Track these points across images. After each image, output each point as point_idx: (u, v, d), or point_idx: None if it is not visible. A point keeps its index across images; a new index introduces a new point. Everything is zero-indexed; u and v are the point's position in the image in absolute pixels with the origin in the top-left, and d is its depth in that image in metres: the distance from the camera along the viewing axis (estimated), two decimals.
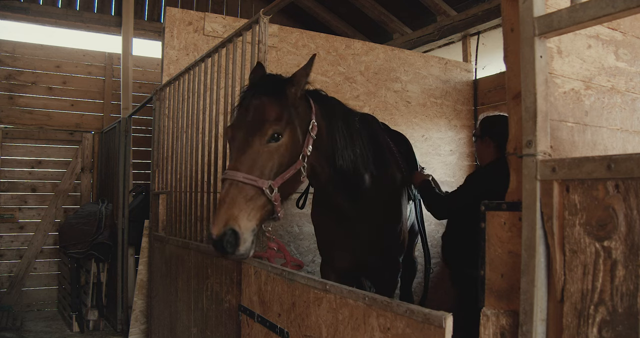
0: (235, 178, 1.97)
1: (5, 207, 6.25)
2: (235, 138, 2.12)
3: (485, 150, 3.09)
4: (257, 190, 1.99)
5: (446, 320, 1.20)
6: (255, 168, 2.03)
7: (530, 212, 1.16)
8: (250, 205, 1.97)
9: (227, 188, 1.96)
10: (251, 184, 1.98)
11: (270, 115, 2.10)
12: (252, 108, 2.13)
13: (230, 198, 1.93)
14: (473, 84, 5.79)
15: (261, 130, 2.07)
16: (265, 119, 2.09)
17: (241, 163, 2.01)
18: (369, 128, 2.91)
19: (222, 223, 1.88)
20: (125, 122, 5.48)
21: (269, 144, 2.08)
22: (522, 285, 1.16)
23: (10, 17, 6.36)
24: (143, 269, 4.21)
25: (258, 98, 2.15)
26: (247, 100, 2.19)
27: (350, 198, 2.66)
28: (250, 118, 2.10)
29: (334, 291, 1.63)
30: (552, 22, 1.15)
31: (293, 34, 4.60)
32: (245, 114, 2.14)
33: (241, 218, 1.92)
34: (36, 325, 5.55)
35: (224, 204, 1.92)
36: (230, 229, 1.88)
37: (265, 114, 2.10)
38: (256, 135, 2.06)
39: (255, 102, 2.14)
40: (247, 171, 2.00)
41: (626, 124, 1.55)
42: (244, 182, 1.97)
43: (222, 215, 1.89)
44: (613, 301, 1.00)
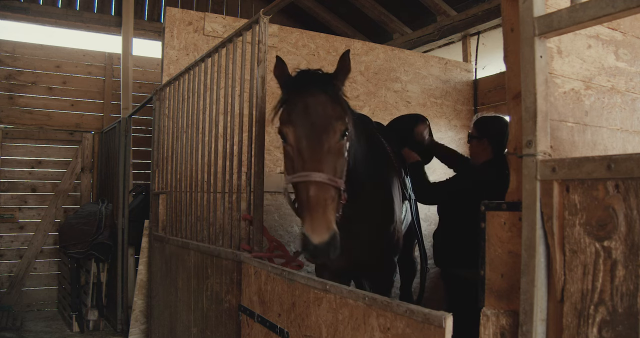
0: (320, 181, 1.94)
1: (5, 207, 6.25)
2: (302, 137, 2.04)
3: (482, 150, 3.12)
4: (337, 190, 2.01)
5: (446, 320, 1.20)
6: (332, 168, 2.01)
7: (530, 212, 1.16)
8: (334, 205, 1.99)
9: (316, 191, 1.92)
10: (333, 185, 1.98)
11: (335, 112, 2.08)
12: (313, 106, 2.07)
13: (323, 201, 1.91)
14: (473, 84, 5.79)
15: (333, 127, 2.04)
16: (332, 116, 2.06)
17: (321, 164, 1.98)
18: (365, 130, 2.92)
19: (324, 228, 1.85)
20: (125, 122, 5.48)
21: (340, 142, 2.07)
22: (522, 285, 1.16)
23: (10, 17, 6.36)
24: (143, 269, 4.21)
25: (315, 95, 2.11)
26: (300, 97, 2.12)
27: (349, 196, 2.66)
28: (315, 116, 2.05)
29: (334, 291, 1.63)
30: (552, 22, 1.15)
31: (293, 34, 4.60)
32: (305, 112, 2.07)
33: (334, 221, 1.92)
34: (36, 325, 5.55)
35: (318, 208, 1.89)
36: (333, 233, 1.87)
37: (330, 111, 2.07)
38: (330, 134, 2.03)
39: (313, 100, 2.09)
40: (328, 171, 1.98)
41: (626, 124, 1.55)
42: (329, 183, 1.96)
43: (322, 221, 1.87)
44: (613, 301, 1.00)
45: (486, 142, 3.09)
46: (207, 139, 3.11)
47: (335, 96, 2.17)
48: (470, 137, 3.21)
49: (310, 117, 2.06)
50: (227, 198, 2.87)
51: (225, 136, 2.89)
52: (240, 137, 2.78)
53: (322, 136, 2.02)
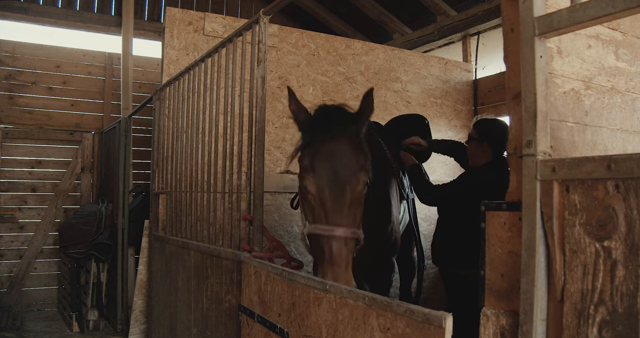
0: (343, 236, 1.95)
1: (5, 207, 6.25)
2: (324, 188, 2.01)
3: (481, 153, 3.14)
4: (356, 240, 2.02)
5: (446, 320, 1.20)
6: (354, 219, 2.01)
7: (530, 212, 1.16)
8: (351, 255, 2.00)
9: (338, 247, 1.93)
10: (354, 237, 1.99)
11: (359, 161, 2.05)
12: (337, 154, 2.03)
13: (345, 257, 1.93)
14: (473, 84, 5.79)
15: (357, 179, 2.02)
16: (357, 167, 2.03)
17: (343, 216, 1.97)
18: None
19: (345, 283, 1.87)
20: (125, 122, 5.48)
21: (362, 192, 2.06)
22: (522, 285, 1.16)
23: (10, 17, 6.36)
24: (143, 269, 4.21)
25: (338, 141, 2.06)
26: (323, 143, 2.07)
27: None
28: (339, 166, 2.02)
29: (334, 291, 1.63)
30: (552, 22, 1.15)
31: (293, 34, 4.60)
32: (329, 160, 2.03)
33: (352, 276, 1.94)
34: (36, 325, 5.55)
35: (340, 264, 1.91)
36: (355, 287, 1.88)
37: (353, 161, 2.04)
38: (353, 186, 2.01)
39: (337, 147, 2.05)
40: (349, 224, 1.98)
41: (626, 124, 1.55)
42: (350, 237, 1.97)
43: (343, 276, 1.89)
44: (613, 301, 1.00)
45: (486, 144, 3.11)
46: (207, 139, 3.11)
47: (359, 142, 2.11)
48: (470, 139, 3.21)
49: (334, 166, 2.02)
50: (227, 198, 2.87)
51: (225, 136, 2.89)
52: (240, 137, 2.78)
53: (346, 188, 2.00)
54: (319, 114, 2.24)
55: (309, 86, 4.64)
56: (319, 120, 2.21)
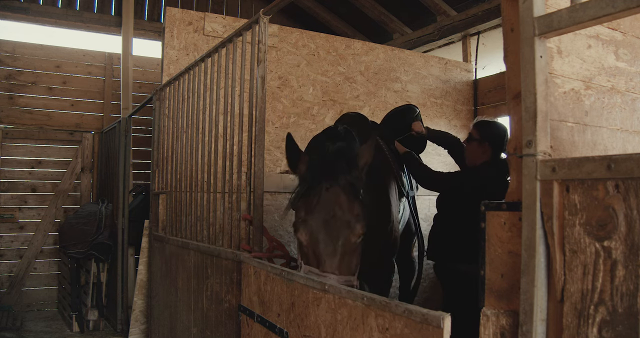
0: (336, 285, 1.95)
1: (5, 207, 6.25)
2: (319, 240, 2.01)
3: (481, 153, 3.18)
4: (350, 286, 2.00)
5: (444, 321, 1.19)
6: (347, 267, 2.00)
7: (530, 212, 1.16)
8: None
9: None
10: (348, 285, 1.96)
11: (354, 213, 2.03)
12: (331, 205, 2.02)
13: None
14: (473, 84, 5.79)
15: (352, 230, 2.01)
16: (351, 218, 2.02)
17: (336, 266, 1.97)
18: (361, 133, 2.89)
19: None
20: (125, 122, 5.48)
21: (358, 241, 2.04)
22: (522, 285, 1.16)
23: (10, 17, 6.35)
24: (143, 269, 4.21)
25: (332, 192, 2.05)
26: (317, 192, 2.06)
27: None
28: (333, 218, 2.01)
29: (333, 291, 1.63)
30: (552, 22, 1.15)
31: (293, 34, 4.60)
32: (322, 211, 2.02)
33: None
34: (36, 325, 5.55)
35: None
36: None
37: (347, 212, 2.02)
38: (347, 237, 2.00)
39: (331, 198, 2.03)
40: (343, 272, 1.98)
41: (626, 124, 1.55)
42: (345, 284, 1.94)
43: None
44: (613, 301, 1.00)
45: (487, 145, 3.16)
46: (207, 139, 3.11)
47: (356, 190, 2.09)
48: (471, 139, 3.23)
49: (324, 215, 2.01)
50: (227, 198, 2.87)
51: (225, 136, 2.89)
52: (240, 137, 2.78)
53: (339, 240, 1.99)
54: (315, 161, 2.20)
55: (309, 86, 4.64)
56: (314, 168, 2.17)
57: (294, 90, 4.55)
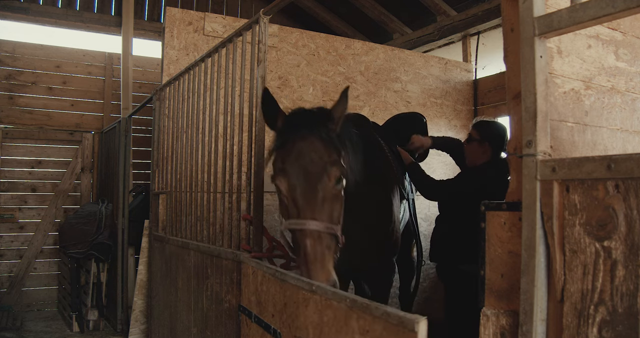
0: (316, 229, 1.92)
1: (5, 207, 6.25)
2: (296, 186, 1.99)
3: (482, 153, 3.18)
4: (333, 237, 1.98)
5: (419, 324, 1.17)
6: (329, 214, 1.98)
7: (530, 212, 1.16)
8: (331, 253, 1.96)
9: (312, 241, 1.90)
10: (330, 233, 1.95)
11: (330, 157, 2.03)
12: (307, 151, 2.02)
13: (320, 252, 1.89)
14: (473, 84, 5.79)
15: (328, 174, 2.00)
16: (327, 161, 2.01)
17: (316, 212, 1.95)
18: (361, 133, 2.88)
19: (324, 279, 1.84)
20: (125, 122, 5.48)
21: (336, 187, 2.03)
22: (522, 285, 1.16)
23: (10, 17, 6.35)
24: (143, 269, 4.21)
25: (307, 139, 2.05)
26: (293, 142, 2.06)
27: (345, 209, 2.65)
28: (310, 163, 2.00)
29: (320, 292, 1.61)
30: (552, 22, 1.15)
31: (293, 34, 4.60)
32: (299, 158, 2.02)
33: (332, 269, 1.90)
34: (36, 325, 5.55)
35: (316, 260, 1.87)
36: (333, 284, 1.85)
37: (324, 156, 2.02)
38: (324, 181, 1.99)
39: (306, 144, 2.04)
40: (325, 219, 1.95)
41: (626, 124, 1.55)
42: (325, 232, 1.93)
43: (321, 272, 1.86)
44: (613, 301, 1.00)
45: (487, 145, 3.16)
46: (207, 139, 3.11)
47: (330, 139, 2.10)
48: (471, 139, 3.23)
49: (300, 163, 2.01)
50: (227, 198, 2.87)
51: (225, 136, 2.89)
52: (240, 137, 2.78)
53: (316, 183, 1.98)
54: (291, 116, 2.22)
55: (309, 86, 4.64)
56: (290, 122, 2.18)
57: (294, 90, 4.55)
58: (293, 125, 2.14)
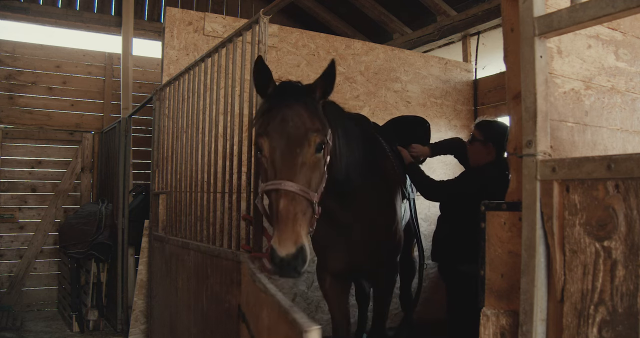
0: (292, 190, 1.89)
1: (5, 207, 6.25)
2: (276, 148, 2.00)
3: (485, 154, 3.16)
4: (309, 203, 1.94)
5: (309, 333, 1.17)
6: (306, 180, 1.96)
7: (530, 212, 1.16)
8: (305, 219, 1.92)
9: (285, 202, 1.87)
10: (305, 197, 1.92)
11: (313, 124, 2.04)
12: (291, 117, 2.03)
13: (293, 213, 1.85)
14: (473, 84, 5.79)
15: (308, 140, 2.00)
16: (309, 128, 2.02)
17: (293, 174, 1.93)
18: (362, 131, 2.89)
19: (292, 241, 1.80)
20: (125, 122, 5.48)
21: (316, 155, 2.02)
22: (522, 285, 1.16)
23: (10, 17, 6.35)
24: (143, 269, 4.21)
25: (292, 107, 2.06)
26: (278, 108, 2.08)
27: (341, 202, 2.65)
28: (292, 128, 2.01)
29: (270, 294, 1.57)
30: (552, 22, 1.15)
31: (293, 34, 4.60)
32: (283, 122, 2.03)
33: (304, 235, 1.86)
34: (36, 325, 5.55)
35: (288, 220, 1.83)
36: (300, 246, 1.80)
37: (307, 123, 2.03)
38: (304, 145, 1.99)
39: (291, 111, 2.05)
40: (301, 182, 1.93)
41: (626, 124, 1.55)
42: (300, 194, 1.90)
43: (290, 233, 1.81)
44: (613, 301, 1.00)
45: (490, 145, 3.15)
46: (207, 139, 3.11)
47: (314, 107, 2.12)
48: (474, 140, 3.22)
49: (283, 128, 2.01)
50: (227, 198, 2.87)
51: (225, 136, 2.89)
52: (240, 137, 2.78)
53: (295, 148, 1.98)
54: (279, 86, 2.24)
55: None
56: (277, 89, 2.20)
57: None
58: (281, 93, 2.16)
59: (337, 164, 2.44)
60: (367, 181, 2.74)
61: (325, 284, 3.05)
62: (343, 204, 2.65)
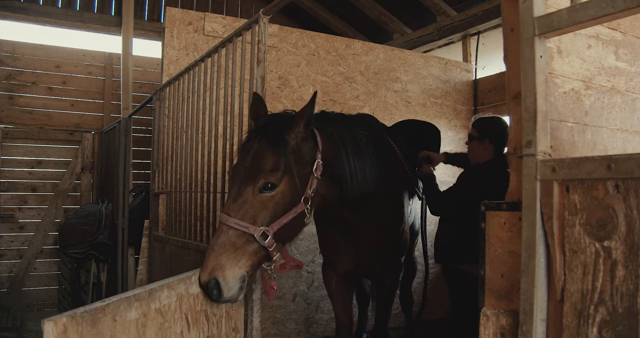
0: (226, 223, 1.96)
1: (5, 207, 6.25)
2: (232, 182, 2.12)
3: (483, 151, 3.13)
4: (248, 236, 1.98)
5: (44, 325, 1.24)
6: (247, 215, 2.01)
7: (530, 212, 1.16)
8: (241, 252, 1.97)
9: (218, 234, 1.96)
10: (242, 230, 1.97)
11: (266, 164, 2.06)
12: (251, 153, 2.10)
13: (220, 245, 1.94)
14: (473, 84, 5.79)
15: (254, 180, 2.04)
16: (260, 168, 2.06)
17: (233, 209, 2.00)
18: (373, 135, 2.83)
19: (208, 271, 1.90)
20: (125, 122, 5.48)
21: (262, 194, 2.05)
22: (522, 285, 1.16)
23: (10, 17, 6.35)
24: (143, 269, 4.21)
25: (257, 142, 2.11)
26: (249, 143, 2.15)
27: (354, 210, 2.64)
28: (248, 164, 2.08)
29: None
30: (552, 22, 1.15)
31: (293, 34, 4.60)
32: (244, 158, 2.11)
33: (228, 267, 1.92)
34: (36, 325, 5.54)
35: (212, 251, 1.93)
36: (213, 279, 1.89)
37: (260, 162, 2.07)
38: (249, 184, 2.04)
39: (254, 147, 2.11)
40: (240, 217, 1.98)
41: (626, 124, 1.55)
42: (234, 227, 1.96)
43: (209, 263, 1.91)
44: (613, 301, 1.00)
45: (487, 142, 3.11)
46: (207, 139, 3.11)
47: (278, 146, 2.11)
48: (471, 138, 3.20)
49: (242, 164, 2.10)
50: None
51: (225, 136, 2.89)
52: (240, 137, 2.77)
53: (241, 185, 2.05)
54: (264, 118, 2.29)
55: (309, 86, 4.64)
56: (257, 123, 2.28)
57: (294, 90, 4.55)
58: (257, 128, 2.23)
59: (348, 180, 2.44)
60: (378, 187, 2.72)
61: (331, 284, 3.04)
62: (353, 211, 2.65)
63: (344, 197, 2.47)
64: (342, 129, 2.47)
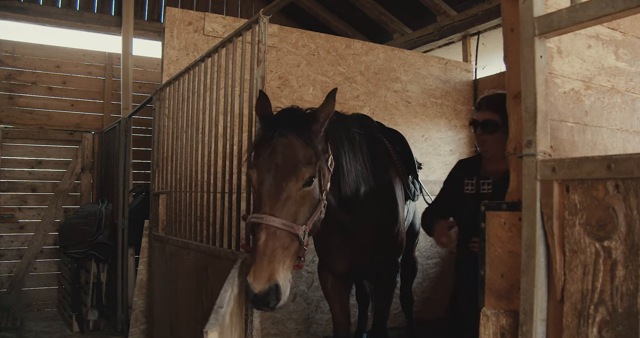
0: (273, 225, 1.87)
1: (5, 207, 6.25)
2: (264, 181, 1.99)
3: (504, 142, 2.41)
4: (293, 236, 1.92)
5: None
6: (291, 213, 1.94)
7: (530, 212, 1.16)
8: (288, 253, 1.90)
9: (266, 237, 1.86)
10: (288, 231, 1.90)
11: (303, 157, 2.00)
12: (281, 148, 2.01)
13: (271, 249, 1.85)
14: (473, 84, 5.79)
15: (296, 174, 1.97)
16: (299, 161, 1.99)
17: (277, 209, 1.91)
18: (366, 134, 2.84)
19: (265, 278, 1.80)
20: (125, 122, 5.48)
21: (304, 189, 1.99)
22: (522, 285, 1.16)
23: (10, 17, 6.35)
24: (143, 269, 4.21)
25: (285, 137, 2.03)
26: (271, 138, 2.05)
27: (349, 210, 2.65)
28: (281, 160, 1.99)
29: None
30: (552, 22, 1.15)
31: (293, 34, 4.60)
32: (273, 154, 2.01)
33: (282, 271, 1.85)
34: (36, 325, 5.54)
35: (264, 256, 1.83)
36: (274, 285, 1.80)
37: (297, 155, 2.00)
38: (291, 180, 1.96)
39: (283, 142, 2.02)
40: (284, 217, 1.91)
41: (626, 124, 1.55)
42: (282, 228, 1.88)
43: (264, 269, 1.81)
44: (613, 301, 1.00)
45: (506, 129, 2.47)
46: (207, 139, 3.11)
47: (308, 139, 2.07)
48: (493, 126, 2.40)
49: (272, 160, 1.99)
50: (227, 198, 2.87)
51: (225, 136, 2.89)
52: (240, 137, 2.78)
53: (282, 182, 1.95)
54: (278, 114, 2.23)
55: (309, 86, 4.64)
56: (275, 118, 2.19)
57: (294, 90, 4.55)
58: (277, 122, 2.14)
59: (345, 179, 2.43)
60: (372, 187, 2.73)
61: (327, 284, 3.04)
62: (349, 211, 2.65)
63: (340, 195, 2.48)
64: (338, 128, 2.49)
